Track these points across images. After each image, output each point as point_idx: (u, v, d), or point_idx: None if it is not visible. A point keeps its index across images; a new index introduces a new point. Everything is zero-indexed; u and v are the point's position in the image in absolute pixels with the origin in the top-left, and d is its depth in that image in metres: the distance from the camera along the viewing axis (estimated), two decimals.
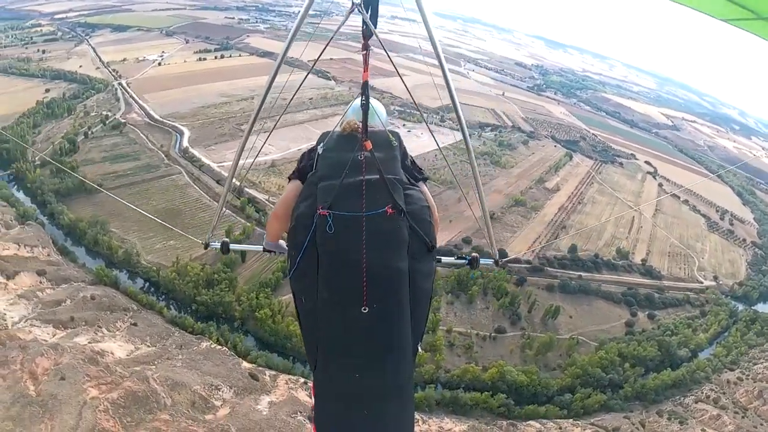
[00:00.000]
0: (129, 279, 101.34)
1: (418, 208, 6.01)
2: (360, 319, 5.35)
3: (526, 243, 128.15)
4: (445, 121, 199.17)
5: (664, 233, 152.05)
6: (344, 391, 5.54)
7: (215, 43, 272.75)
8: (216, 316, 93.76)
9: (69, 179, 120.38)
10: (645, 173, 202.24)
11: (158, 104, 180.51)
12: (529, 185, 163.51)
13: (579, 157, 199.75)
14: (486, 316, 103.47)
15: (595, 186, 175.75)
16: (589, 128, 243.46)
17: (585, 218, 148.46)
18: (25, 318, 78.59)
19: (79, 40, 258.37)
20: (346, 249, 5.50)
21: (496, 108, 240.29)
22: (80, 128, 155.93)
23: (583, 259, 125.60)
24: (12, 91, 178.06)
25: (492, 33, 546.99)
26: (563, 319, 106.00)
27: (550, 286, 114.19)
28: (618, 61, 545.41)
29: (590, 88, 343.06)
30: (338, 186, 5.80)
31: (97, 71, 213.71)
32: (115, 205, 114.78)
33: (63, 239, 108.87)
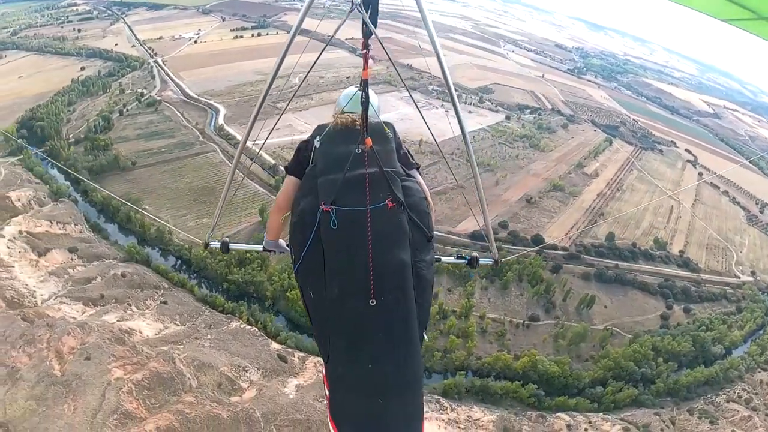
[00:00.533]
0: (161, 257, 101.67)
1: (417, 200, 6.36)
2: (369, 311, 5.53)
3: (563, 229, 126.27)
4: (484, 102, 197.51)
5: (703, 224, 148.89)
6: (357, 381, 5.62)
7: (252, 21, 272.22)
8: (247, 295, 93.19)
9: (103, 157, 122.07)
10: (685, 161, 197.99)
11: (194, 82, 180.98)
12: (568, 170, 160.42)
13: (619, 142, 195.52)
14: (520, 303, 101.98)
15: (634, 173, 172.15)
16: (629, 113, 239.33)
17: (623, 206, 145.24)
18: (54, 295, 79.60)
19: (114, 19, 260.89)
20: (351, 244, 5.70)
21: (535, 90, 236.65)
22: (115, 106, 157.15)
23: (621, 247, 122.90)
24: (48, 70, 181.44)
25: (532, 14, 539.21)
26: (598, 309, 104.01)
27: (586, 275, 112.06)
28: (659, 46, 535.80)
29: (631, 73, 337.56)
30: (341, 180, 5.98)
31: (133, 49, 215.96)
32: (149, 183, 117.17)
33: (96, 216, 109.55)
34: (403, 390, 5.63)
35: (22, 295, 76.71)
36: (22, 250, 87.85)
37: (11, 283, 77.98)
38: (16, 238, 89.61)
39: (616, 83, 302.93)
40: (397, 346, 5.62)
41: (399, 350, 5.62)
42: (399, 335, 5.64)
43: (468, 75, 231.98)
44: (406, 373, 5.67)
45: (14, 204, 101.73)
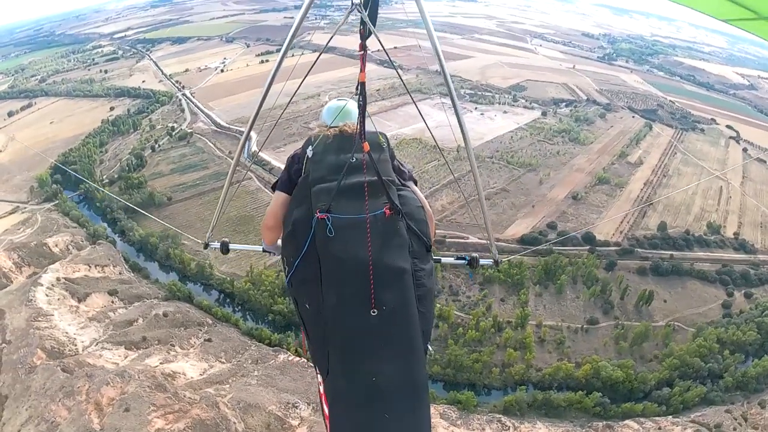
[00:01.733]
0: (204, 291, 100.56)
1: (414, 209, 6.17)
2: (370, 322, 5.32)
3: (614, 223, 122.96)
4: (518, 101, 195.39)
5: (754, 202, 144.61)
6: (361, 395, 5.37)
7: (277, 44, 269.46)
8: (294, 325, 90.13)
9: (137, 195, 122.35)
10: (728, 138, 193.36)
11: (223, 111, 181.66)
12: (611, 161, 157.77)
13: (659, 126, 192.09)
14: (577, 307, 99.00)
15: (678, 156, 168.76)
16: (665, 95, 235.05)
17: (672, 192, 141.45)
18: (96, 341, 78.48)
19: (140, 56, 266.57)
20: (350, 252, 5.48)
21: (568, 82, 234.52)
22: (147, 142, 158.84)
23: (674, 236, 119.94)
24: (78, 113, 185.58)
25: (555, 5, 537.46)
26: (657, 304, 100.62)
27: (642, 269, 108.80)
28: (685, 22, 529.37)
29: (661, 53, 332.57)
30: (336, 188, 5.80)
31: (160, 84, 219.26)
32: (185, 217, 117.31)
33: (135, 255, 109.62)
34: (409, 403, 5.40)
35: (63, 343, 75.47)
36: (61, 297, 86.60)
37: (51, 332, 76.76)
38: (54, 286, 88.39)
39: (647, 65, 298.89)
40: (400, 357, 5.46)
41: (403, 362, 5.45)
42: (402, 346, 5.48)
43: (499, 74, 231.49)
44: (412, 385, 5.46)
45: (52, 250, 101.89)
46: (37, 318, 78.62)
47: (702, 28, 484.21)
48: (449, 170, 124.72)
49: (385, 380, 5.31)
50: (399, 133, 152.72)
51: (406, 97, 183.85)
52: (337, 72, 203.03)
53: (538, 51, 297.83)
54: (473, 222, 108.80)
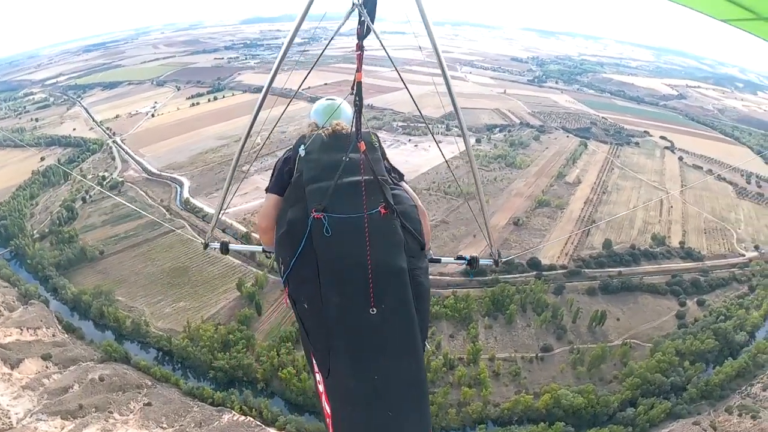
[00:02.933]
0: (142, 350, 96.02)
1: (408, 207, 6.20)
2: (369, 320, 5.27)
3: (558, 246, 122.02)
4: (451, 129, 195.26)
5: (696, 209, 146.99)
6: (363, 393, 5.19)
7: (207, 86, 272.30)
8: (237, 380, 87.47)
9: (69, 250, 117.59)
10: (662, 149, 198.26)
11: (155, 157, 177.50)
12: (550, 182, 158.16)
13: (594, 143, 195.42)
14: (529, 335, 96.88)
15: (616, 171, 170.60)
16: (597, 112, 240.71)
17: (613, 208, 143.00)
18: (30, 412, 74.34)
19: (71, 103, 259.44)
20: (348, 251, 5.48)
21: (500, 107, 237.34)
22: (78, 193, 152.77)
23: (620, 253, 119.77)
24: (8, 164, 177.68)
25: (482, 32, 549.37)
26: (611, 323, 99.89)
27: (591, 289, 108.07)
28: (611, 40, 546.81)
29: (590, 71, 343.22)
30: (332, 188, 5.78)
31: (91, 132, 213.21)
32: (119, 271, 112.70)
33: (69, 314, 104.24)
34: (410, 400, 5.25)
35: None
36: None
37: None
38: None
39: (577, 85, 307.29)
40: (401, 355, 5.33)
41: (403, 360, 5.32)
42: (402, 344, 5.35)
43: (432, 104, 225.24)
44: (413, 382, 5.32)
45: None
46: None
47: (628, 44, 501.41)
48: None
49: (387, 378, 5.12)
50: None
51: None
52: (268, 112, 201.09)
53: (468, 78, 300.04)
54: None
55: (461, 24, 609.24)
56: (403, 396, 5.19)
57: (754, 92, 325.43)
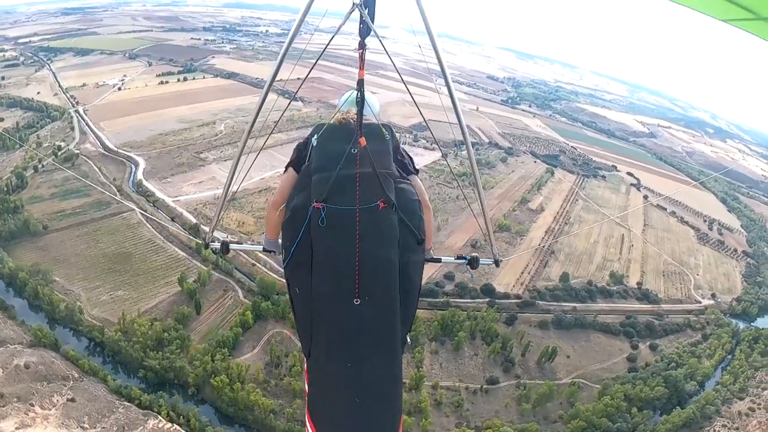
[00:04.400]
0: (74, 336, 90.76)
1: (409, 202, 6.18)
2: (352, 310, 5.42)
3: (514, 274, 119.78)
4: (419, 140, 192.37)
5: (656, 250, 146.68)
6: (336, 379, 5.54)
7: (179, 65, 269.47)
8: (167, 382, 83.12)
9: (12, 221, 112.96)
10: (629, 185, 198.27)
11: (114, 132, 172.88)
12: (512, 207, 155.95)
13: (560, 172, 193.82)
14: (475, 365, 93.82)
15: (580, 203, 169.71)
16: (567, 141, 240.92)
17: (573, 240, 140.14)
18: None
19: (40, 65, 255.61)
20: (339, 242, 5.60)
21: (471, 124, 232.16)
22: (31, 161, 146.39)
23: (576, 288, 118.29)
24: None
25: (461, 47, 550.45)
26: (561, 360, 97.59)
27: (543, 323, 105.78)
28: (587, 70, 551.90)
29: (564, 99, 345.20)
30: (332, 179, 5.88)
31: (56, 98, 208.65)
32: (60, 250, 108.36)
33: (5, 290, 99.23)
34: (381, 390, 5.53)
35: None
36: None
37: None
38: None
39: (550, 111, 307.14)
40: (378, 346, 5.55)
41: (380, 350, 5.54)
42: (381, 335, 5.55)
43: (401, 112, 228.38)
44: (386, 373, 5.58)
45: None
46: None
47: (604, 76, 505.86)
48: None
49: (361, 367, 5.37)
50: None
51: (304, 129, 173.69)
52: (235, 99, 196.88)
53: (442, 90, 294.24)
54: None
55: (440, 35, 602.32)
56: (375, 385, 5.40)
57: (723, 139, 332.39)
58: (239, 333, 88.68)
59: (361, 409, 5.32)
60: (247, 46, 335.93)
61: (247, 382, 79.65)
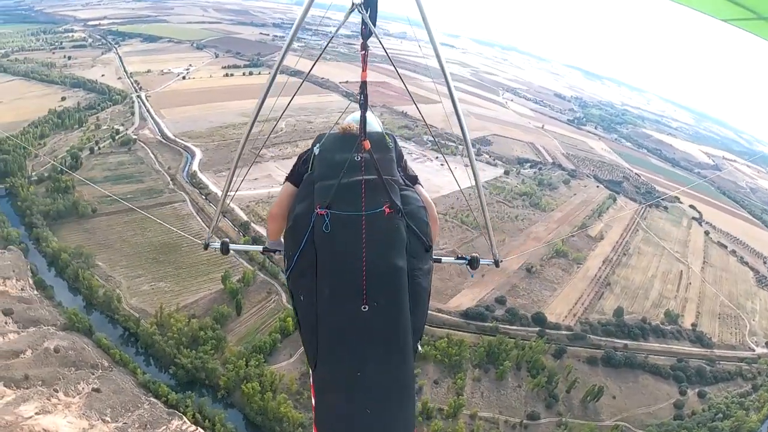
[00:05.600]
0: (109, 324, 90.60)
1: (415, 208, 6.22)
2: (360, 317, 5.38)
3: (567, 304, 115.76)
4: (482, 155, 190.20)
5: (713, 290, 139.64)
6: (345, 389, 5.42)
7: (245, 59, 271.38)
8: (197, 382, 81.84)
9: (61, 201, 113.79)
10: (690, 219, 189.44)
11: (174, 121, 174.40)
12: (571, 232, 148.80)
13: (623, 199, 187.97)
14: (518, 398, 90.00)
15: (640, 234, 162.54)
16: (632, 167, 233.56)
17: (631, 273, 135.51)
18: None
19: (107, 48, 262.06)
20: (344, 248, 5.57)
21: (535, 142, 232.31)
22: (88, 142, 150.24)
23: (630, 324, 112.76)
24: (28, 97, 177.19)
25: (530, 61, 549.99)
26: (606, 400, 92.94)
27: (593, 359, 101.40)
28: (655, 95, 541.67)
29: (630, 123, 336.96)
30: (336, 185, 5.90)
31: (119, 82, 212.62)
32: (106, 235, 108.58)
33: (45, 269, 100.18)
34: (392, 400, 5.37)
35: None
36: None
37: None
38: None
39: (616, 134, 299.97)
40: (388, 354, 5.44)
41: (390, 358, 5.42)
42: (391, 343, 5.45)
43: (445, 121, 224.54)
44: (397, 382, 5.45)
45: None
46: None
47: (670, 102, 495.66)
48: None
49: (370, 375, 5.27)
50: None
51: None
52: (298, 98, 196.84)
53: (509, 105, 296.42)
54: None
55: (510, 49, 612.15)
56: (387, 395, 5.29)
57: None
58: (277, 339, 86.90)
59: (372, 419, 5.19)
60: (315, 45, 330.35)
61: (280, 391, 77.78)
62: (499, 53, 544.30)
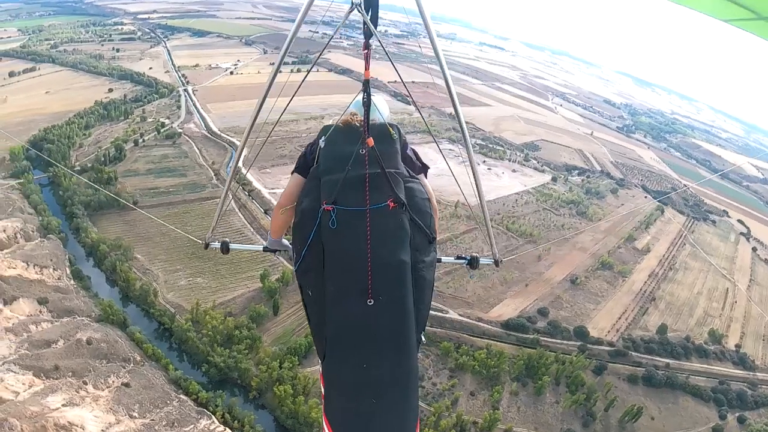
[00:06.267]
0: (144, 317, 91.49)
1: (419, 201, 6.26)
2: (366, 311, 5.48)
3: (610, 318, 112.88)
4: (530, 160, 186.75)
5: (759, 311, 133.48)
6: (352, 381, 5.58)
7: (294, 56, 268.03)
8: (229, 381, 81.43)
9: (104, 191, 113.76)
10: (738, 234, 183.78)
11: (220, 116, 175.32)
12: (617, 243, 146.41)
13: (671, 211, 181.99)
14: (554, 414, 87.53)
15: (687, 248, 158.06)
16: (680, 178, 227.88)
17: (676, 288, 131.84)
18: (3, 359, 70.88)
19: (155, 42, 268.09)
20: (350, 243, 5.61)
21: (584, 149, 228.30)
22: (133, 134, 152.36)
23: (673, 342, 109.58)
24: (75, 88, 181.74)
25: (580, 67, 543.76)
26: (644, 422, 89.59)
27: (633, 377, 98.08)
28: (705, 104, 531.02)
29: (679, 132, 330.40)
30: (341, 180, 5.90)
31: (166, 75, 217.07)
32: (146, 228, 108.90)
33: (83, 259, 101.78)
34: (397, 391, 5.56)
35: None
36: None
37: None
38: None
39: (665, 144, 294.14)
40: (392, 346, 5.56)
41: (394, 351, 5.56)
42: (395, 336, 5.57)
43: (514, 129, 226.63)
44: (401, 374, 5.59)
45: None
46: None
47: (720, 113, 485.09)
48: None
49: (375, 368, 5.40)
50: None
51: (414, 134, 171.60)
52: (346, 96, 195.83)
53: (558, 110, 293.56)
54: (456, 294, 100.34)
55: (561, 53, 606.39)
56: (390, 386, 5.45)
57: None
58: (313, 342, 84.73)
59: (376, 410, 5.36)
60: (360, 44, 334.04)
61: (312, 396, 76.55)
62: (549, 57, 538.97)
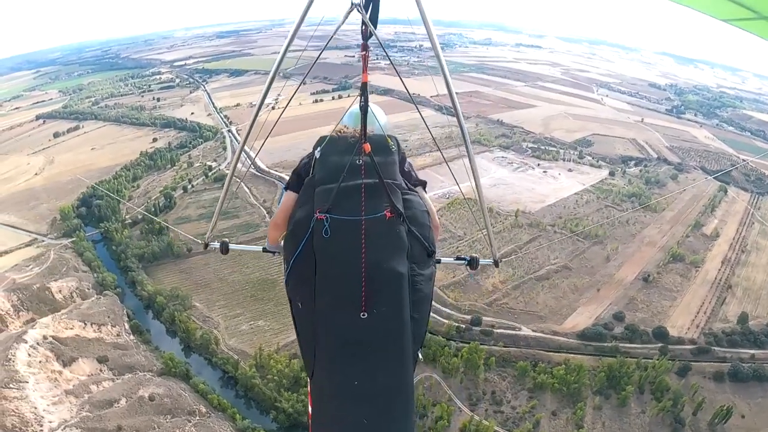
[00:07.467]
0: (209, 366, 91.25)
1: (418, 213, 6.19)
2: (359, 324, 5.37)
3: (688, 314, 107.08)
4: (584, 157, 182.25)
5: None
6: (342, 396, 5.38)
7: (333, 83, 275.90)
8: (301, 426, 78.76)
9: (156, 243, 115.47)
10: None
11: (266, 152, 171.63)
12: (685, 232, 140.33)
13: (734, 190, 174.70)
14: (641, 425, 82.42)
15: (756, 227, 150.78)
16: (738, 153, 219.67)
17: (751, 272, 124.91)
18: (65, 423, 70.48)
19: (195, 86, 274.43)
20: (344, 253, 5.54)
21: (637, 137, 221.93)
22: (181, 181, 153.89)
23: (755, 331, 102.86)
24: (121, 141, 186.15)
25: (619, 53, 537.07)
26: (735, 421, 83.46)
27: (719, 374, 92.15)
28: (749, 73, 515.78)
29: (729, 106, 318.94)
30: (336, 189, 5.89)
31: (209, 118, 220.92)
32: (203, 274, 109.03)
33: (142, 312, 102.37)
34: (391, 409, 5.35)
35: (27, 422, 68.80)
36: (44, 359, 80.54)
37: (18, 405, 70.30)
38: (39, 344, 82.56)
39: (716, 119, 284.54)
40: (387, 361, 5.43)
41: (389, 366, 5.42)
42: (390, 350, 5.46)
43: (564, 126, 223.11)
44: (396, 390, 5.41)
45: (54, 297, 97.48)
46: (9, 384, 72.61)
47: (766, 79, 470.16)
48: None
49: (368, 384, 5.23)
50: (452, 191, 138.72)
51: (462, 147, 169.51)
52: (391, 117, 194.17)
53: (605, 101, 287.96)
54: (528, 308, 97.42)
55: (598, 43, 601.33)
56: (385, 403, 5.24)
57: None
58: None
59: (369, 428, 5.14)
60: (401, 61, 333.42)
61: None
62: (587, 48, 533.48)
